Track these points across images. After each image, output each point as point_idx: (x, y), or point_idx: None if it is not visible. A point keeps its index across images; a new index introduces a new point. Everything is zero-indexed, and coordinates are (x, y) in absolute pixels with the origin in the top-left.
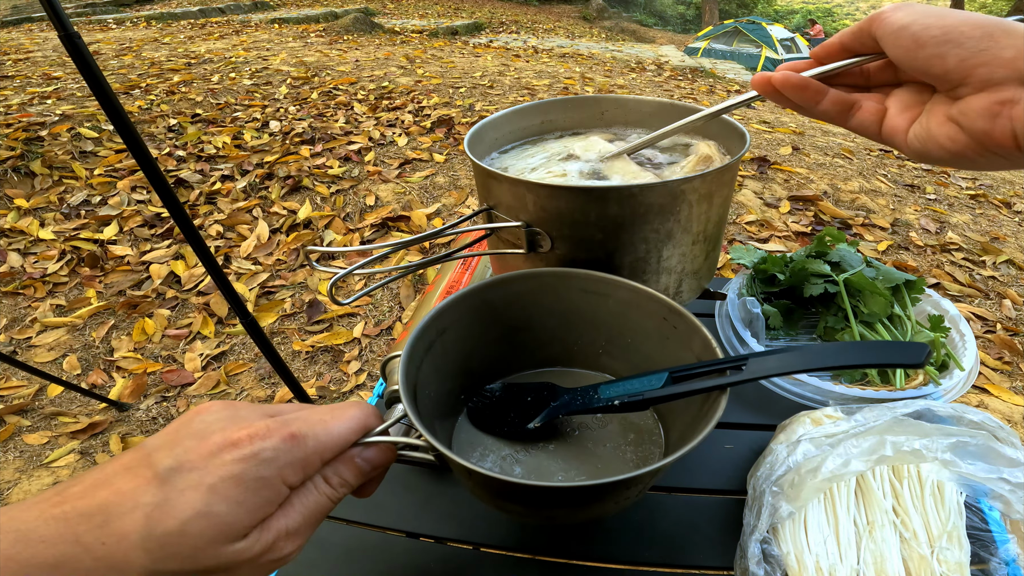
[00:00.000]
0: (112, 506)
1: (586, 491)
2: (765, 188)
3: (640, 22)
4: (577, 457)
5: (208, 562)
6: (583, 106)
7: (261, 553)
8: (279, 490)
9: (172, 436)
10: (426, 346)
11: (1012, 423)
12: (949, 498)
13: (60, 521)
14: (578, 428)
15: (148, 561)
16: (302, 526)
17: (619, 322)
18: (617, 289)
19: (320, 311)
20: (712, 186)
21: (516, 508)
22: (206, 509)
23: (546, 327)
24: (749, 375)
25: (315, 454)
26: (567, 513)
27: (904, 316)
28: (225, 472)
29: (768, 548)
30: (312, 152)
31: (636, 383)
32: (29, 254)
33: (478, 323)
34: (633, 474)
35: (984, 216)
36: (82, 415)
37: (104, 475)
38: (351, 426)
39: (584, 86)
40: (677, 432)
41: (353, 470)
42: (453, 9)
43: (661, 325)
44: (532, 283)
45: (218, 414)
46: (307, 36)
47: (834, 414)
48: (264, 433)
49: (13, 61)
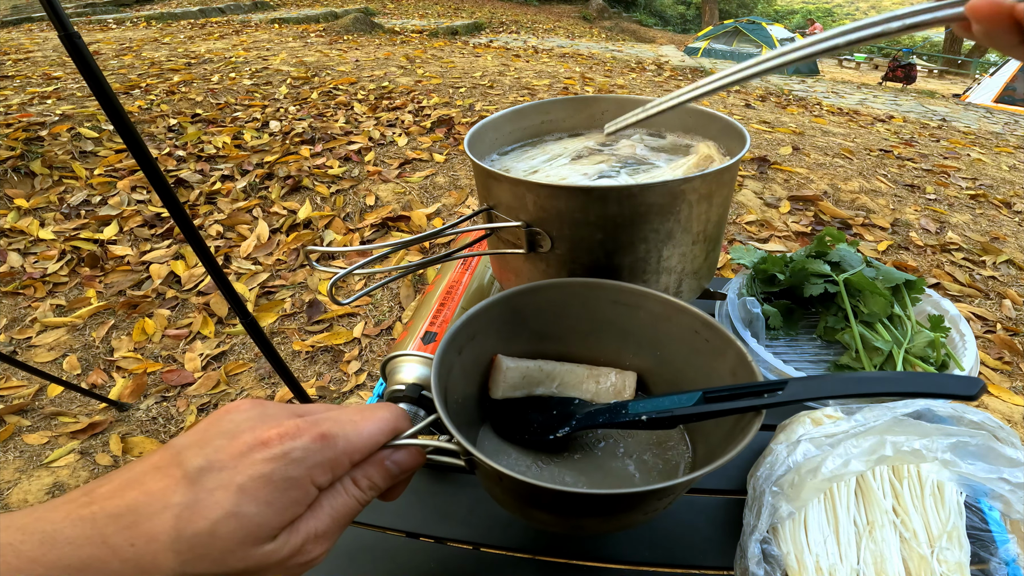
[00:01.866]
0: (141, 507)
1: (620, 500)
2: (765, 188)
3: (640, 22)
4: (601, 469)
5: (237, 564)
6: (583, 106)
7: (290, 556)
8: (308, 491)
9: (201, 435)
10: (457, 350)
11: (1012, 423)
12: (949, 498)
13: (88, 522)
14: (602, 441)
15: (177, 563)
16: (330, 528)
17: (649, 334)
18: (648, 301)
19: (320, 311)
20: (712, 186)
21: (544, 516)
22: (235, 510)
23: (574, 337)
24: (788, 397)
25: (344, 455)
26: (596, 523)
27: (904, 316)
28: (255, 472)
29: (768, 548)
30: (312, 152)
31: (666, 400)
32: (29, 254)
33: (506, 329)
34: (667, 484)
35: (984, 216)
36: (82, 415)
37: (133, 474)
38: (381, 427)
39: (584, 86)
40: (705, 449)
41: (382, 473)
42: (453, 9)
43: (693, 338)
44: (562, 292)
45: (248, 413)
46: (307, 36)
47: (834, 414)
48: (294, 432)
49: (13, 61)
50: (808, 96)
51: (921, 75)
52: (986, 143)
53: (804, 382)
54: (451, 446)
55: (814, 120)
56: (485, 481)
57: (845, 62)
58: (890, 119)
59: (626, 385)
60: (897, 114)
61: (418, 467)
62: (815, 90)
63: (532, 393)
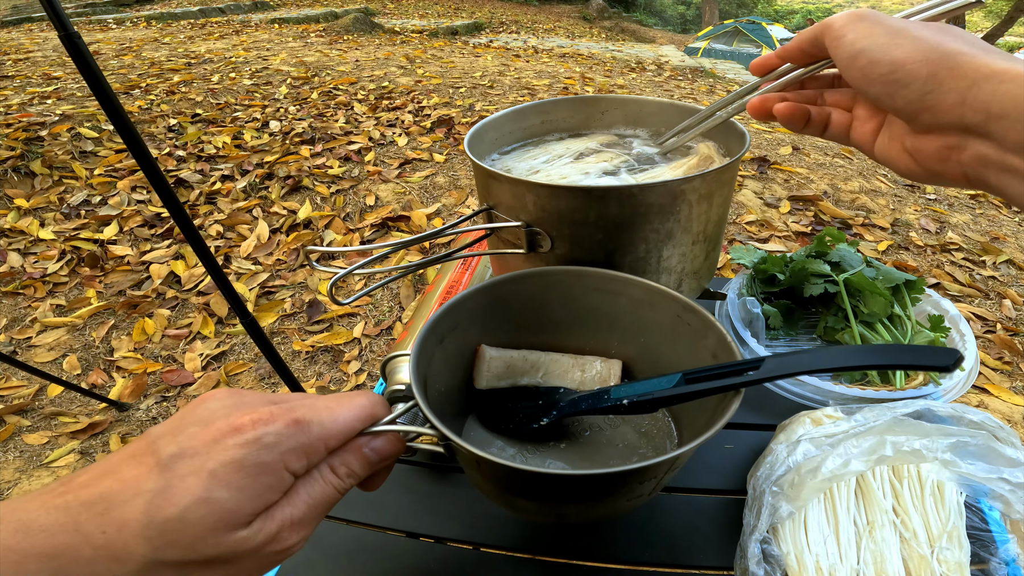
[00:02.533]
0: (114, 494)
1: (599, 480)
2: (765, 188)
3: (640, 22)
4: (588, 457)
5: (209, 551)
6: (583, 106)
7: (264, 543)
8: (281, 476)
9: (177, 423)
10: (438, 339)
11: (1012, 423)
12: (949, 498)
13: (61, 510)
14: (588, 429)
15: (148, 550)
16: (307, 516)
17: (632, 320)
18: (630, 287)
19: (320, 311)
20: (712, 186)
21: (526, 504)
22: (206, 495)
23: (559, 325)
24: (764, 374)
25: (319, 440)
26: (579, 509)
27: (904, 316)
28: (226, 457)
29: (768, 548)
30: (312, 152)
31: (647, 384)
32: (29, 254)
33: (490, 319)
34: (647, 463)
35: (984, 216)
36: (82, 415)
37: (110, 464)
38: (357, 414)
39: (584, 86)
40: (691, 433)
41: (360, 460)
42: (453, 9)
43: (675, 322)
44: (544, 281)
45: (223, 401)
46: (307, 36)
47: (834, 414)
48: (268, 418)
49: (13, 61)
50: None
51: None
52: None
53: (780, 359)
54: (430, 431)
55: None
56: (467, 469)
57: None
58: None
59: (611, 373)
60: None
61: (397, 455)
62: None
63: (517, 383)
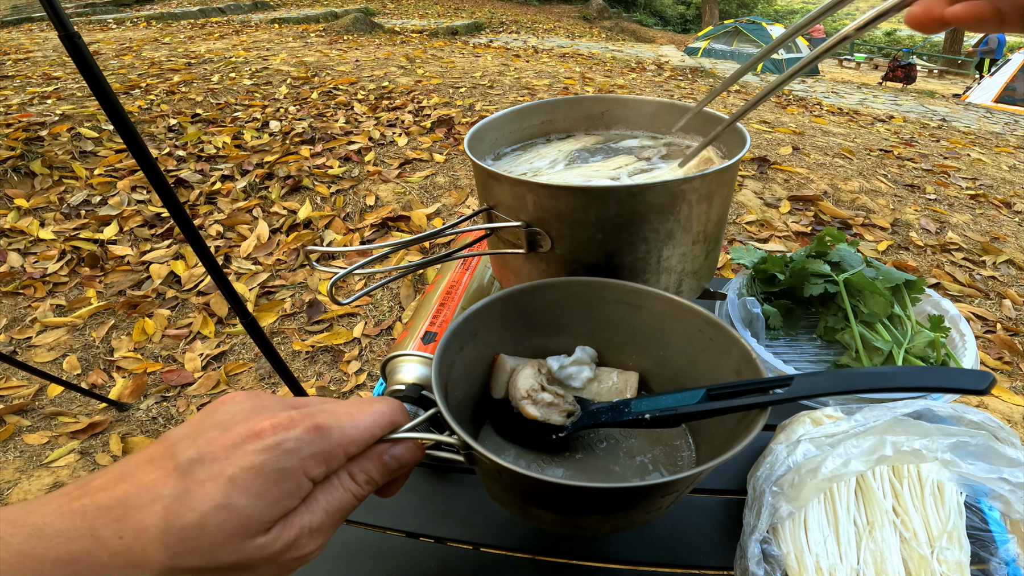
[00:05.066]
0: (131, 499)
1: (623, 494)
2: (765, 188)
3: (640, 22)
4: (604, 470)
5: (228, 558)
6: (583, 106)
7: (283, 550)
8: (300, 482)
9: (195, 427)
10: (459, 346)
11: (1012, 423)
12: (949, 498)
13: (78, 515)
14: (604, 441)
15: (166, 556)
16: (325, 523)
17: (653, 333)
18: (652, 300)
19: (320, 311)
20: (712, 186)
21: (544, 514)
22: (226, 501)
23: (578, 336)
24: (793, 393)
25: (339, 447)
26: (598, 521)
27: (904, 316)
28: (246, 463)
29: (768, 548)
30: (312, 152)
31: (670, 398)
32: (29, 254)
33: (510, 327)
34: (671, 478)
35: (984, 216)
36: (82, 415)
37: (127, 467)
38: (377, 421)
39: (584, 86)
40: (709, 448)
41: (379, 467)
42: (453, 9)
43: (697, 337)
44: (565, 291)
45: (242, 404)
46: (307, 36)
47: (834, 414)
48: (288, 424)
49: (13, 61)
50: (808, 96)
51: (921, 75)
52: (986, 143)
53: (810, 378)
54: (451, 440)
55: (814, 120)
56: (484, 478)
57: (845, 62)
58: (890, 119)
59: (628, 385)
60: (897, 114)
61: (416, 462)
62: (815, 90)
63: None
